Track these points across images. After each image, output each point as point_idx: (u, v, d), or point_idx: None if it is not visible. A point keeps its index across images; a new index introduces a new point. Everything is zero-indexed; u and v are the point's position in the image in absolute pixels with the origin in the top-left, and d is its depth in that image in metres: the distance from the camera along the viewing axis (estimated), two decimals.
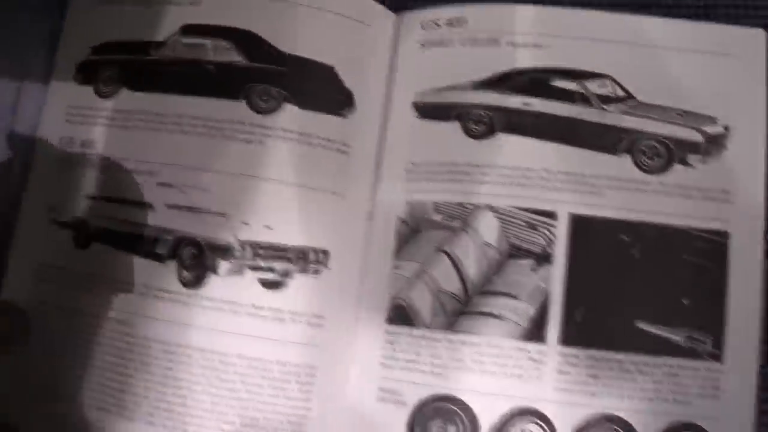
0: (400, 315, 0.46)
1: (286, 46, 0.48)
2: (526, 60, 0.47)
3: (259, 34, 0.48)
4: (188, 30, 0.49)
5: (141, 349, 0.46)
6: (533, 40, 0.47)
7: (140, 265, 0.47)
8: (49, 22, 0.53)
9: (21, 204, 0.50)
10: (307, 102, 0.47)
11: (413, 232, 0.47)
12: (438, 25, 0.49)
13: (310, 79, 0.48)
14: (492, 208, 0.46)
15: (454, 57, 0.48)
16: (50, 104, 0.51)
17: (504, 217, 0.46)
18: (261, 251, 0.46)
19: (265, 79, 0.47)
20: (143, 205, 0.48)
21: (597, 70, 0.47)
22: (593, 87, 0.47)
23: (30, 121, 0.51)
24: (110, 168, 0.48)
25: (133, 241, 0.47)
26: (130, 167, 0.48)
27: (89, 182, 0.49)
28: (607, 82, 0.47)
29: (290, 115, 0.47)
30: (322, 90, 0.48)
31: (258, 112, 0.47)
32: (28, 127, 0.52)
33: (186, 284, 0.46)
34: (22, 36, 0.52)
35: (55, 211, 0.49)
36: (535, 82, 0.47)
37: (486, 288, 0.45)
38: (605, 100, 0.47)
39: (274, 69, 0.48)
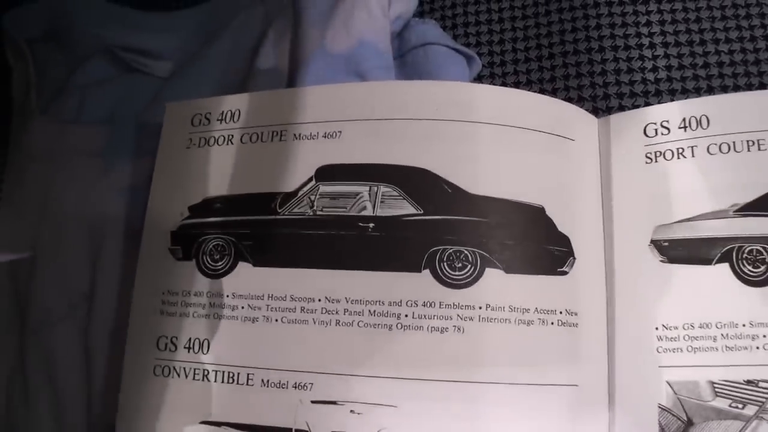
0: None
1: (473, 185, 0.34)
2: None
3: (434, 171, 0.34)
4: (328, 174, 0.35)
5: None
6: None
7: None
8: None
9: None
10: (514, 262, 0.33)
11: (684, 425, 0.33)
12: (667, 129, 0.35)
13: (516, 228, 0.34)
14: None
15: (699, 171, 0.35)
16: (138, 293, 0.36)
17: None
18: None
19: (454, 236, 0.33)
20: None
21: None
22: None
23: (111, 306, 0.37)
24: (236, 380, 0.34)
25: None
26: (267, 378, 0.34)
27: (206, 402, 0.34)
28: None
29: (495, 284, 0.33)
30: (534, 242, 0.34)
31: (449, 285, 0.33)
32: (110, 318, 0.37)
33: None
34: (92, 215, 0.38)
35: None
36: None
37: None
38: None
39: (468, 221, 0.33)
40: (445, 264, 0.33)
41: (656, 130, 0.36)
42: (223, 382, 0.34)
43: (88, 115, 0.42)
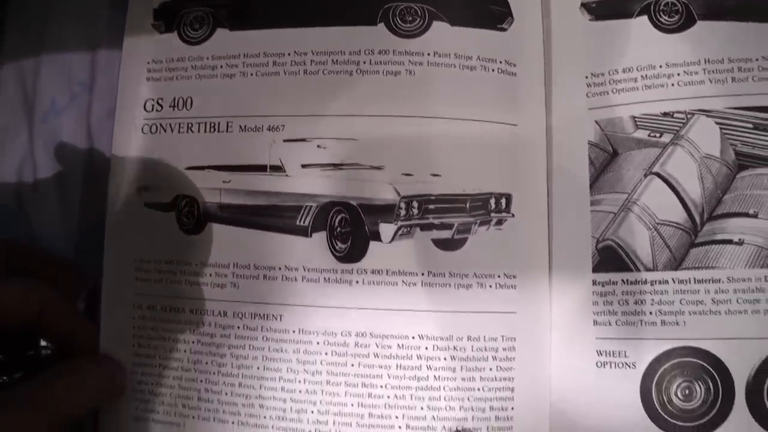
0: (611, 259, 0.37)
1: None
2: None
3: None
4: None
5: (294, 346, 0.37)
6: None
7: (279, 243, 0.38)
8: None
9: (107, 192, 0.40)
10: (458, 17, 0.38)
11: (610, 156, 0.38)
12: None
13: None
14: (707, 113, 0.37)
15: None
16: (127, 65, 0.41)
17: (723, 121, 0.37)
18: (431, 205, 0.37)
19: None
20: (270, 169, 0.38)
21: None
22: None
23: (109, 93, 0.42)
24: (217, 128, 0.39)
25: (265, 215, 0.38)
26: (244, 124, 0.38)
27: (191, 150, 0.39)
28: None
29: (441, 34, 0.38)
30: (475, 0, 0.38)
31: (401, 35, 0.38)
32: (108, 102, 0.42)
33: (342, 258, 0.37)
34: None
35: (149, 191, 0.39)
36: None
37: (716, 210, 0.37)
38: None
39: None
40: (397, 18, 0.38)
41: None
42: (205, 131, 0.39)
43: None
